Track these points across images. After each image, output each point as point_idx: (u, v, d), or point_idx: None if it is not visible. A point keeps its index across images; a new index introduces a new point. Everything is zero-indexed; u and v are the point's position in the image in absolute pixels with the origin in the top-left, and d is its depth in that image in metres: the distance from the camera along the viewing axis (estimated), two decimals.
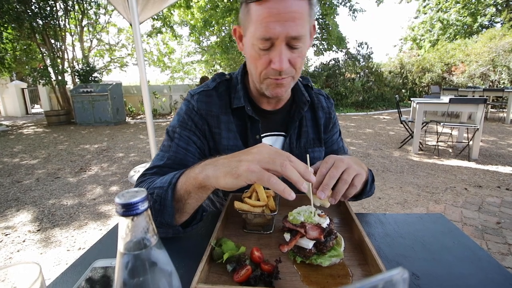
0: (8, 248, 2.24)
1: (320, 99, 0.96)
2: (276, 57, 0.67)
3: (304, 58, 0.73)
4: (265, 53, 0.68)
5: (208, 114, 0.83)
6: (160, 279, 0.31)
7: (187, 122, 0.82)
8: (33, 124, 9.09)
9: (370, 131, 6.69)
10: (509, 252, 2.03)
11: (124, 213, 0.28)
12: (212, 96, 0.85)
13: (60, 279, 0.57)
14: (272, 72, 0.70)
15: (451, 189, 3.20)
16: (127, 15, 3.05)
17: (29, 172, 4.15)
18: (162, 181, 0.63)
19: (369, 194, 0.84)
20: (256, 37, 0.66)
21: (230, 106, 0.84)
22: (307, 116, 0.92)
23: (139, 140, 6.28)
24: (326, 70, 11.25)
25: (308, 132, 0.91)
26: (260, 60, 0.70)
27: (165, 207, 0.59)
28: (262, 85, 0.76)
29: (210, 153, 0.84)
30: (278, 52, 0.66)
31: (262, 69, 0.71)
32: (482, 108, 4.08)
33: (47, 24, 8.54)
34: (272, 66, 0.69)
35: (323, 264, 0.54)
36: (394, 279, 0.19)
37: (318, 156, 0.92)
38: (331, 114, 0.97)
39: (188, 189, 0.58)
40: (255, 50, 0.69)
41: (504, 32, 11.21)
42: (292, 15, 0.63)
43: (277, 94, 0.75)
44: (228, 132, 0.83)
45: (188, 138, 0.80)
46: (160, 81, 16.31)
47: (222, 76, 0.89)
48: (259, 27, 0.65)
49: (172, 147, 0.79)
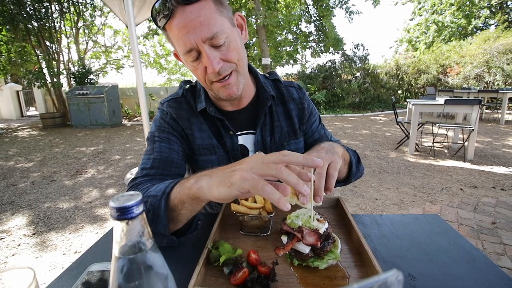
0: (3, 252, 2.20)
1: (290, 91, 0.95)
2: (206, 62, 0.69)
3: (238, 50, 0.73)
4: (198, 62, 0.71)
5: (179, 117, 0.86)
6: (156, 282, 0.30)
7: (164, 125, 0.85)
8: (28, 126, 9.00)
9: (366, 132, 6.73)
10: (504, 252, 2.05)
11: (119, 217, 0.28)
12: (181, 103, 0.88)
13: (56, 283, 0.56)
14: (212, 75, 0.72)
15: (447, 189, 3.23)
16: (123, 17, 3.04)
17: (24, 175, 4.10)
18: (156, 190, 0.62)
19: (358, 175, 0.85)
20: (182, 54, 0.71)
21: (196, 110, 0.87)
22: (278, 110, 0.92)
23: (136, 142, 6.25)
24: (323, 72, 11.31)
25: (281, 126, 0.91)
26: (197, 71, 0.73)
27: (159, 216, 0.58)
28: (214, 91, 0.78)
29: (189, 153, 0.88)
30: (205, 57, 0.69)
31: (203, 77, 0.74)
32: (477, 109, 4.13)
33: (42, 26, 8.49)
34: (207, 71, 0.71)
35: (320, 267, 0.54)
36: (388, 281, 0.19)
37: (295, 148, 0.93)
38: (304, 104, 0.95)
39: (182, 199, 0.57)
40: (189, 64, 0.73)
41: (498, 34, 11.38)
42: (197, 20, 0.65)
43: (230, 95, 0.76)
44: (201, 132, 0.86)
45: (168, 138, 0.84)
46: (157, 83, 16.26)
47: (188, 83, 0.94)
48: (180, 44, 0.68)
49: (155, 148, 0.81)
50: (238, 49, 0.73)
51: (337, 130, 7.06)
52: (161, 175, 0.77)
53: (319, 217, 0.60)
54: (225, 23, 0.69)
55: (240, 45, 0.74)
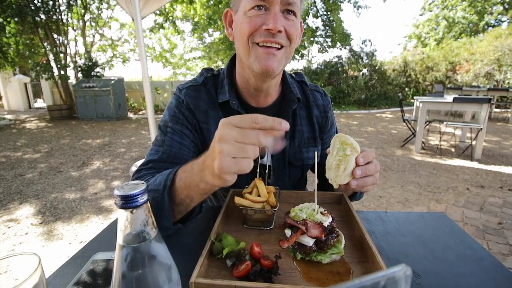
0: (10, 240, 2.26)
1: (316, 96, 0.92)
2: (271, 17, 0.64)
3: (297, 34, 0.71)
4: (257, 15, 0.65)
5: (196, 109, 0.81)
6: (159, 272, 0.30)
7: (178, 116, 0.80)
8: (35, 118, 9.13)
9: (372, 130, 6.66)
10: (510, 253, 2.02)
11: (123, 205, 0.28)
12: (200, 91, 0.83)
13: (61, 271, 0.57)
14: (262, 33, 0.66)
15: (453, 188, 3.19)
16: (129, 10, 3.04)
17: (32, 166, 4.17)
18: (155, 183, 0.60)
19: (360, 197, 0.86)
20: (250, 5, 0.64)
21: (217, 101, 0.83)
22: (302, 114, 0.89)
23: (141, 135, 6.29)
24: (329, 68, 11.18)
25: (302, 131, 0.88)
26: (250, 23, 0.66)
27: (163, 211, 0.58)
28: (250, 59, 0.70)
29: (202, 148, 0.83)
30: (272, 12, 0.64)
31: (251, 31, 0.66)
32: (486, 107, 4.04)
33: (50, 19, 8.53)
34: (265, 27, 0.65)
35: (323, 261, 0.54)
36: (396, 276, 0.18)
37: (312, 156, 0.89)
38: (328, 113, 0.93)
39: (190, 195, 0.57)
40: (248, 17, 0.66)
41: (510, 31, 11.07)
42: None
43: (267, 66, 0.68)
44: (216, 127, 0.82)
45: (181, 132, 0.79)
46: (163, 76, 16.28)
47: (210, 71, 0.88)
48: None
49: (166, 141, 0.77)
50: (297, 33, 0.70)
51: (343, 127, 7.00)
52: (167, 169, 0.77)
53: (322, 211, 0.60)
54: (299, 7, 0.68)
55: (299, 32, 0.72)
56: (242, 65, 0.76)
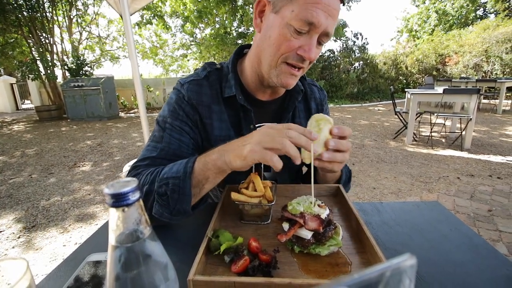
0: (3, 245, 2.21)
1: (313, 90, 0.95)
2: (308, 45, 0.66)
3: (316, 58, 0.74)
4: (297, 37, 0.66)
5: (199, 104, 0.79)
6: (155, 271, 0.29)
7: (178, 112, 0.78)
8: (24, 120, 8.89)
9: (365, 123, 6.72)
10: (500, 239, 2.08)
11: (114, 203, 0.26)
12: (202, 86, 0.81)
13: (54, 273, 0.55)
14: (295, 57, 0.68)
15: (444, 178, 3.25)
16: (117, 6, 2.95)
17: (22, 168, 4.07)
18: (172, 171, 0.62)
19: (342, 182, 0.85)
20: (299, 18, 0.63)
21: (222, 96, 0.81)
22: (300, 107, 0.91)
23: (133, 134, 6.20)
24: (322, 62, 11.18)
25: (301, 124, 0.88)
26: (288, 42, 0.66)
27: (184, 195, 0.61)
28: (272, 71, 0.72)
29: (202, 144, 0.82)
30: (312, 40, 0.66)
31: (285, 51, 0.68)
32: (475, 98, 4.12)
33: (34, 16, 8.25)
34: (300, 52, 0.67)
35: (321, 254, 0.54)
36: (401, 267, 0.18)
37: None
38: (324, 106, 0.95)
39: (206, 175, 0.61)
40: (289, 30, 0.65)
41: (497, 23, 11.27)
42: (334, 12, 0.64)
43: (287, 84, 0.73)
44: (220, 122, 0.80)
45: (181, 128, 0.77)
46: (154, 74, 16.03)
47: (213, 65, 0.86)
48: (307, 8, 0.62)
49: (164, 138, 0.75)
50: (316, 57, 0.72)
51: (336, 120, 7.04)
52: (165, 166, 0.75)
53: (320, 203, 0.59)
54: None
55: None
56: (259, 63, 0.75)
